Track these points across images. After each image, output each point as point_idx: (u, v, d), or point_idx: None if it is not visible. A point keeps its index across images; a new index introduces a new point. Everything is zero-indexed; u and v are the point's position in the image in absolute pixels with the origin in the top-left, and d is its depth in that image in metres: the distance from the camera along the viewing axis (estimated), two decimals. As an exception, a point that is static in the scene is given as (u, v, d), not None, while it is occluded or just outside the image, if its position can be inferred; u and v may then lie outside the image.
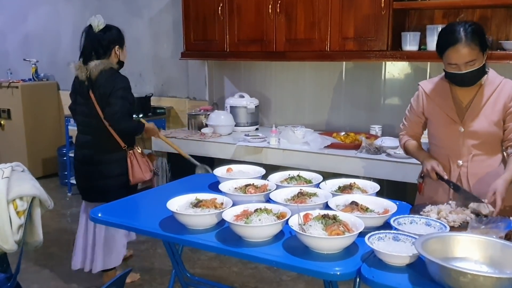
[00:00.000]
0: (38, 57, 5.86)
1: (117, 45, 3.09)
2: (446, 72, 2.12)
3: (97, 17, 3.10)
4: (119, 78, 3.03)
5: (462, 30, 2.00)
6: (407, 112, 2.37)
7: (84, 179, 3.17)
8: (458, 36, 1.99)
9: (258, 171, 2.47)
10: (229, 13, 4.06)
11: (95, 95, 3.02)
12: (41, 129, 5.71)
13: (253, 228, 1.77)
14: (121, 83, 3.01)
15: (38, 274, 3.48)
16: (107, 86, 2.97)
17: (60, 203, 4.96)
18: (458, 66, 2.03)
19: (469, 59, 2.00)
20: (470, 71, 2.02)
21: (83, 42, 3.10)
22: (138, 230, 2.20)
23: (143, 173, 3.16)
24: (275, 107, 4.47)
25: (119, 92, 2.97)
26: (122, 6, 5.23)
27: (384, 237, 1.69)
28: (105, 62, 3.02)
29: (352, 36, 3.55)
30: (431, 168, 2.16)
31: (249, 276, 3.41)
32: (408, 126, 2.37)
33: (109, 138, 3.06)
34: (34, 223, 2.06)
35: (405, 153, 2.46)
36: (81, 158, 3.16)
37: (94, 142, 3.10)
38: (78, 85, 3.12)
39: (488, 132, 2.12)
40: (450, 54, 2.02)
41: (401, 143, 2.43)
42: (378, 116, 3.93)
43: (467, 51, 1.99)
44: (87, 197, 3.21)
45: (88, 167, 3.12)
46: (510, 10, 3.34)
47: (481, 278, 1.36)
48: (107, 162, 3.08)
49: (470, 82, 2.09)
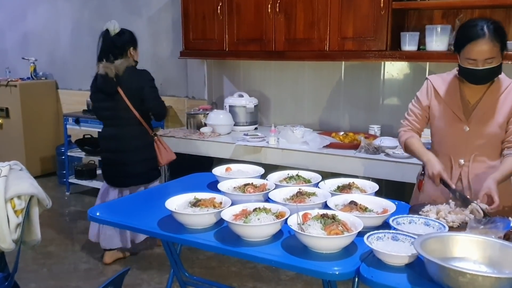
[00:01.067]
0: (37, 56, 5.85)
1: (132, 47, 3.47)
2: (461, 68, 2.08)
3: (112, 22, 3.43)
4: (144, 72, 3.46)
5: (486, 26, 1.97)
6: (412, 106, 2.31)
7: (118, 167, 3.49)
8: (482, 31, 1.96)
9: (257, 171, 2.46)
10: (229, 12, 4.06)
11: (124, 90, 3.38)
12: (39, 127, 5.70)
13: (252, 228, 1.77)
14: (148, 75, 3.45)
15: (36, 273, 3.48)
16: (134, 81, 3.39)
17: (58, 202, 4.96)
18: (477, 62, 1.99)
19: (489, 56, 1.97)
20: (487, 68, 2.00)
21: (101, 45, 3.45)
22: (136, 229, 2.19)
23: (170, 154, 3.62)
24: (274, 106, 4.46)
25: (150, 83, 3.43)
26: (121, 4, 5.23)
27: (383, 236, 1.68)
28: (128, 60, 3.41)
29: (351, 36, 3.55)
30: (438, 174, 2.07)
31: (247, 276, 3.41)
32: (413, 121, 2.29)
33: (138, 127, 3.48)
34: (32, 222, 2.06)
35: (405, 150, 2.35)
36: (112, 148, 3.50)
37: (123, 133, 3.46)
38: (103, 83, 3.41)
39: (493, 133, 2.12)
40: (471, 49, 1.99)
41: (402, 139, 2.31)
42: (377, 116, 3.93)
43: (489, 48, 1.96)
44: (121, 183, 3.53)
45: (120, 155, 3.46)
46: (509, 10, 3.34)
47: (480, 278, 1.35)
48: (137, 149, 3.47)
49: (484, 80, 2.07)
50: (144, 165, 3.51)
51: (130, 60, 3.42)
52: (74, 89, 5.78)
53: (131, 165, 3.46)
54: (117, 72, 3.34)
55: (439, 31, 3.32)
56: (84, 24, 5.57)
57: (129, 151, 3.45)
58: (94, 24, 5.48)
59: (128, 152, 3.45)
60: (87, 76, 5.59)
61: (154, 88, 3.47)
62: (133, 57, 3.46)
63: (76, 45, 5.69)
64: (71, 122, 5.08)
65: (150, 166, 3.55)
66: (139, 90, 3.38)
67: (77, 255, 3.81)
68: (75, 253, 3.87)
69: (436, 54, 3.34)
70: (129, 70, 3.38)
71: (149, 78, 3.44)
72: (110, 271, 3.46)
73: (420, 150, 2.22)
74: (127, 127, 3.46)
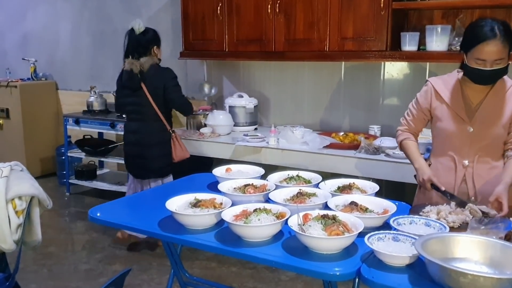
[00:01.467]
0: (37, 57, 5.84)
1: (155, 45, 3.57)
2: (467, 68, 2.06)
3: (137, 21, 3.54)
4: (167, 70, 3.57)
5: (497, 27, 1.96)
6: (411, 107, 2.32)
7: (137, 159, 3.66)
8: (492, 32, 1.95)
9: (257, 171, 2.46)
10: (228, 13, 4.06)
11: (147, 86, 3.51)
12: (39, 128, 5.70)
13: (252, 228, 1.77)
14: (172, 73, 3.57)
15: (36, 274, 3.48)
16: (157, 78, 3.51)
17: (59, 202, 4.95)
18: (485, 62, 1.98)
19: (499, 56, 1.97)
20: (495, 68, 1.99)
21: (126, 43, 3.57)
22: (137, 230, 2.19)
23: (184, 152, 3.69)
24: (274, 107, 4.46)
25: (172, 81, 3.55)
26: (121, 5, 5.22)
27: (384, 237, 1.68)
28: (153, 58, 3.53)
29: (351, 36, 3.55)
30: (428, 179, 2.13)
31: (248, 276, 3.41)
32: (411, 122, 2.32)
33: (158, 123, 3.60)
34: (32, 222, 2.06)
35: (400, 150, 2.42)
36: (133, 141, 3.66)
37: (145, 127, 3.61)
38: (128, 79, 3.54)
39: (496, 133, 2.11)
40: (482, 49, 1.97)
41: (398, 139, 2.36)
42: (377, 116, 3.93)
43: (499, 49, 1.95)
44: (140, 175, 3.70)
45: (139, 149, 3.62)
46: (509, 10, 3.34)
47: (481, 279, 1.35)
48: (156, 143, 3.60)
49: (490, 80, 2.06)
50: (160, 160, 3.64)
51: (154, 58, 3.53)
52: (74, 90, 5.78)
53: (149, 159, 3.62)
54: (142, 69, 3.47)
55: (439, 31, 3.32)
56: (84, 24, 5.57)
57: (148, 145, 3.61)
58: (94, 25, 5.49)
59: (147, 146, 3.61)
60: (87, 76, 5.64)
61: (177, 86, 3.59)
62: (156, 55, 3.57)
63: (76, 46, 5.69)
64: (71, 123, 5.08)
65: (166, 161, 3.65)
66: (162, 88, 3.52)
67: (77, 255, 3.81)
68: (75, 253, 3.87)
69: (436, 54, 3.33)
70: (153, 68, 3.50)
71: (172, 76, 3.55)
72: (110, 272, 3.46)
73: (413, 156, 2.27)
74: (148, 122, 3.60)
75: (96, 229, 4.17)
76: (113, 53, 5.36)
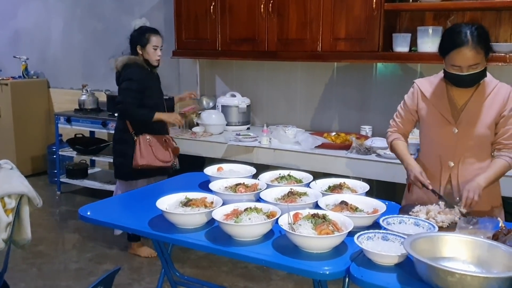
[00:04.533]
0: (28, 54, 5.80)
1: (138, 45, 3.47)
2: (446, 73, 2.10)
3: (142, 20, 3.58)
4: (128, 71, 3.43)
5: (469, 33, 1.98)
6: (400, 108, 2.35)
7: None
8: (465, 39, 1.97)
9: (249, 170, 2.47)
10: (221, 12, 4.06)
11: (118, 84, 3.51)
12: (30, 126, 5.66)
13: (243, 227, 1.77)
14: (129, 75, 3.41)
15: (25, 273, 3.45)
16: (122, 77, 3.45)
17: (49, 201, 4.93)
18: (461, 68, 2.01)
19: (473, 62, 1.99)
20: (472, 73, 2.02)
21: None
22: (127, 228, 2.19)
23: (146, 160, 3.45)
24: (266, 106, 4.47)
25: (123, 84, 3.42)
26: (114, 3, 5.20)
27: (373, 236, 1.69)
28: (131, 58, 3.46)
29: (343, 37, 3.57)
30: (415, 178, 2.15)
31: (239, 276, 3.41)
32: (399, 123, 2.34)
33: (123, 124, 3.54)
34: (22, 221, 2.04)
35: (391, 151, 2.43)
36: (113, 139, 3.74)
37: (116, 126, 3.67)
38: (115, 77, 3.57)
39: (482, 134, 2.13)
40: (455, 56, 2.00)
41: (388, 140, 2.38)
42: (369, 116, 3.95)
43: (472, 55, 1.97)
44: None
45: (113, 147, 3.70)
46: (499, 13, 3.37)
47: (469, 278, 1.37)
48: (116, 140, 3.62)
49: (469, 84, 2.09)
50: (117, 159, 3.65)
51: (135, 57, 3.46)
52: (66, 88, 5.75)
53: (113, 154, 3.73)
54: (117, 67, 3.48)
55: (431, 32, 3.34)
56: (76, 22, 5.54)
57: (113, 141, 3.69)
58: (86, 23, 5.46)
59: (113, 141, 3.70)
60: (79, 75, 5.61)
61: (126, 89, 3.40)
62: (142, 55, 3.47)
63: (67, 44, 5.66)
64: (63, 121, 5.05)
65: (124, 162, 3.52)
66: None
67: (67, 254, 3.79)
68: (66, 252, 3.85)
69: (428, 56, 3.35)
70: (125, 66, 3.44)
71: (127, 78, 3.41)
72: (101, 271, 3.45)
73: (402, 154, 2.29)
74: (118, 122, 3.64)
75: (86, 228, 4.14)
76: (106, 51, 5.34)
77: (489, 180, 2.07)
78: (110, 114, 4.77)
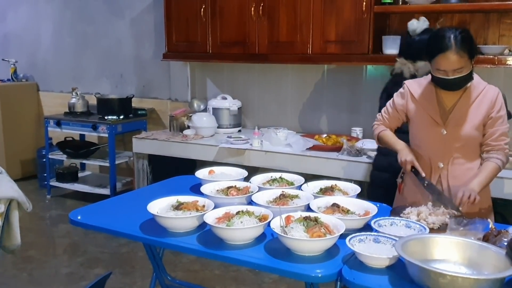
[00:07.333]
0: (17, 57, 5.75)
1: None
2: (433, 76, 2.14)
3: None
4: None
5: (453, 37, 2.01)
6: (388, 105, 2.37)
7: None
8: (449, 43, 2.00)
9: (241, 173, 2.46)
10: (212, 15, 4.05)
11: None
12: (20, 130, 5.61)
13: (234, 231, 1.77)
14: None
15: (16, 278, 3.42)
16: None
17: (39, 205, 4.88)
18: (446, 72, 2.04)
19: (458, 66, 2.02)
20: (457, 77, 2.04)
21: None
22: (118, 233, 2.17)
23: None
24: (257, 109, 4.47)
25: None
26: (103, 6, 5.18)
27: (365, 239, 1.70)
28: None
29: (333, 39, 3.58)
30: (410, 161, 2.17)
31: (230, 279, 3.41)
32: (386, 119, 2.37)
33: None
34: (12, 226, 2.03)
35: (379, 143, 2.43)
36: None
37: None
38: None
39: (470, 135, 2.16)
40: (439, 60, 2.03)
41: (375, 132, 2.39)
42: (359, 118, 3.96)
43: (456, 59, 2.00)
44: None
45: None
46: (487, 15, 3.40)
47: (460, 279, 1.38)
48: None
49: (456, 87, 2.11)
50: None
51: None
52: (56, 91, 5.71)
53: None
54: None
55: (420, 35, 3.36)
56: (66, 25, 5.51)
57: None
58: (76, 26, 5.43)
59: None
60: (68, 78, 5.57)
61: None
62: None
63: (57, 47, 5.62)
64: (52, 125, 5.01)
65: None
66: None
67: (58, 259, 3.76)
68: (56, 257, 3.81)
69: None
70: None
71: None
72: (92, 275, 3.42)
73: (393, 140, 2.31)
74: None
75: (77, 232, 4.11)
76: (95, 54, 5.32)
77: (482, 185, 2.11)
78: (100, 117, 4.74)
